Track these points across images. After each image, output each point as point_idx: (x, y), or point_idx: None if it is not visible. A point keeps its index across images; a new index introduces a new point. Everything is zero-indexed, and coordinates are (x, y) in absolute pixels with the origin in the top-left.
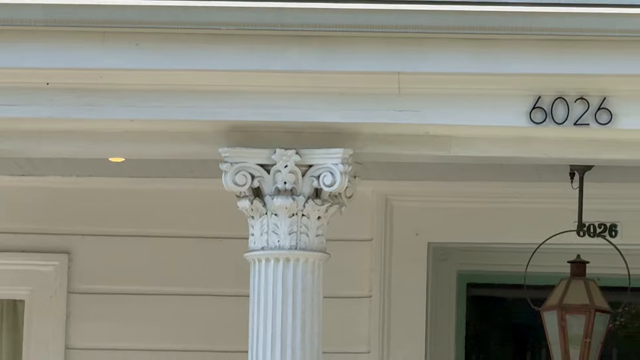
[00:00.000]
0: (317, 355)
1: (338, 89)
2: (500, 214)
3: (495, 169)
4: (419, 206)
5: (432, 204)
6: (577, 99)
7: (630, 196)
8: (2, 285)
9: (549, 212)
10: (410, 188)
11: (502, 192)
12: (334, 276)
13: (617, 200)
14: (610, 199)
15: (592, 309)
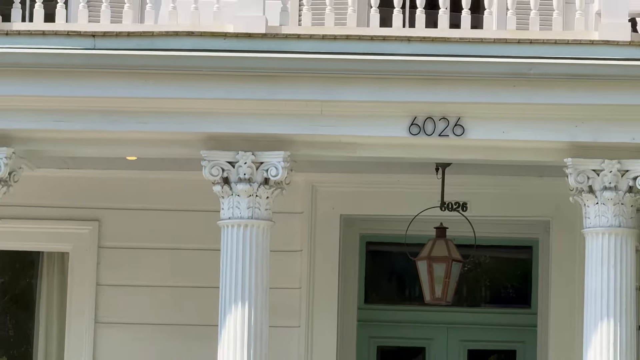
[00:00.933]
0: (266, 289)
1: (281, 111)
2: (388, 195)
3: (386, 165)
4: (335, 189)
5: (344, 188)
6: (440, 118)
7: (476, 183)
8: (54, 242)
9: (422, 194)
10: (329, 177)
11: (389, 180)
12: (277, 237)
13: (467, 186)
14: (462, 185)
15: (450, 259)
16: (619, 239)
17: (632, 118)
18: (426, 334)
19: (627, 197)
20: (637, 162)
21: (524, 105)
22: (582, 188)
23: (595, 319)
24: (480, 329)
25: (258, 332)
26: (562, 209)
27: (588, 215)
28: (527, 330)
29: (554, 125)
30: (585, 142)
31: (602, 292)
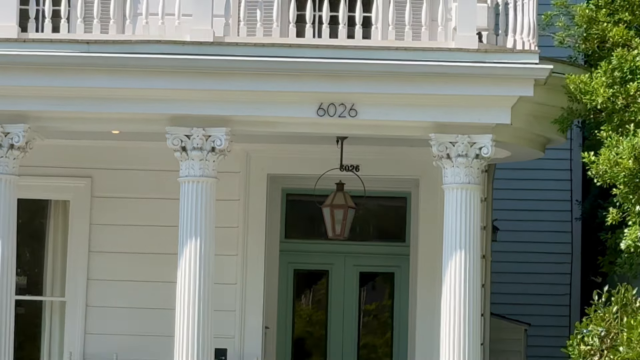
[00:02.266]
0: (212, 227)
1: (224, 98)
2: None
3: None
4: (264, 155)
5: (270, 154)
6: (340, 104)
7: (366, 151)
8: (59, 193)
9: (326, 159)
10: (259, 147)
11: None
12: (221, 189)
13: (359, 153)
14: (356, 153)
15: (347, 206)
16: (469, 192)
17: (478, 105)
18: (329, 260)
19: (474, 162)
20: (482, 137)
21: (401, 94)
22: (442, 155)
23: (451, 250)
24: (368, 256)
25: (207, 258)
26: (428, 171)
27: (446, 175)
28: (402, 258)
29: (421, 109)
30: (444, 122)
31: (457, 230)
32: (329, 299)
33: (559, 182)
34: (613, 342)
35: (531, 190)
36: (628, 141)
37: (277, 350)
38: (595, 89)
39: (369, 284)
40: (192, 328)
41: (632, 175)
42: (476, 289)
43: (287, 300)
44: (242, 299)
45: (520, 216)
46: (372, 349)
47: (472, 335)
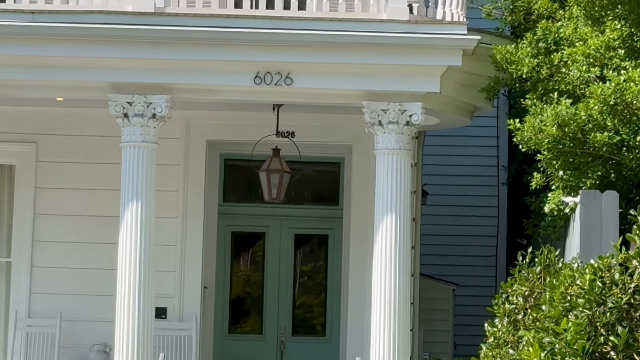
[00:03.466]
0: (153, 191)
1: (165, 67)
2: (240, 125)
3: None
4: (203, 122)
5: (210, 121)
6: (276, 73)
7: (301, 118)
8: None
9: (263, 125)
10: (198, 113)
11: (241, 115)
12: (161, 155)
13: (294, 120)
14: (291, 120)
15: (282, 171)
16: (400, 157)
17: (409, 74)
18: (266, 223)
19: (405, 129)
20: (412, 104)
21: (333, 64)
22: (374, 122)
23: (383, 213)
24: (303, 219)
25: (147, 221)
26: (360, 137)
27: (378, 141)
28: (336, 221)
29: (354, 78)
30: (376, 90)
31: (388, 194)
32: (266, 260)
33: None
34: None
35: (459, 156)
36: (552, 109)
37: (215, 309)
38: (521, 59)
39: (304, 246)
40: (133, 288)
41: (555, 141)
42: (406, 250)
43: (225, 261)
44: (182, 260)
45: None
46: (307, 309)
47: (402, 294)
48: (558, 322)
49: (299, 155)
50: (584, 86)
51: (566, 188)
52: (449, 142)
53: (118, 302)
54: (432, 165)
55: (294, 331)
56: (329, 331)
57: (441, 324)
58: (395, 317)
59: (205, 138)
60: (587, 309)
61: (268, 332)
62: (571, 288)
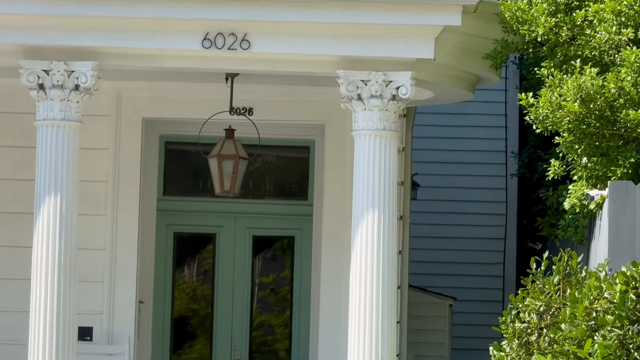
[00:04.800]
0: (76, 182)
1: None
2: (184, 100)
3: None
4: (137, 95)
5: (145, 94)
6: (229, 34)
7: (261, 91)
8: None
9: (213, 100)
10: (132, 85)
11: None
12: (87, 136)
13: (253, 93)
14: (249, 93)
15: (238, 157)
16: (384, 140)
17: (395, 35)
18: (216, 222)
19: (390, 104)
20: (399, 74)
21: (302, 23)
22: (352, 96)
23: (362, 210)
24: (263, 217)
25: (69, 219)
26: (335, 115)
27: (357, 120)
28: (304, 219)
29: (328, 40)
30: (355, 56)
31: (369, 186)
32: (217, 269)
33: (492, 130)
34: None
35: (458, 139)
36: (573, 80)
37: (153, 329)
38: (535, 18)
39: (265, 251)
40: (50, 302)
41: (578, 120)
42: (392, 256)
43: (166, 270)
44: (112, 267)
45: (445, 170)
46: (268, 330)
47: (386, 311)
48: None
49: (258, 138)
50: (614, 52)
51: (591, 179)
52: (444, 122)
53: (32, 320)
54: (424, 150)
55: (251, 358)
56: (295, 357)
57: (435, 347)
58: (378, 340)
59: (141, 115)
60: (617, 327)
61: (219, 359)
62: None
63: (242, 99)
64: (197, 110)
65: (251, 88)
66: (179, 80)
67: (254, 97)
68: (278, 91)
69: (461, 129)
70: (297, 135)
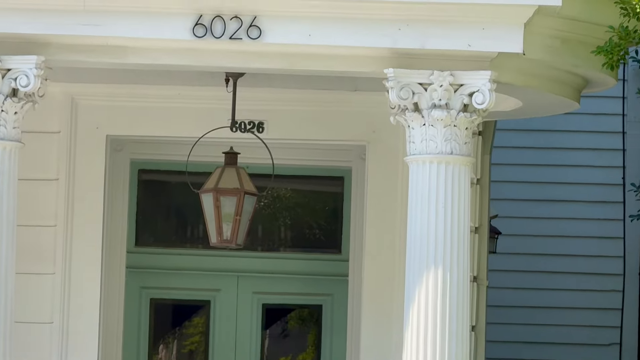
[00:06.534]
0: (13, 227)
1: (33, 5)
2: (167, 112)
3: (165, 75)
4: (100, 104)
5: (112, 103)
6: (232, 17)
7: (276, 99)
8: None
9: (207, 111)
10: (93, 89)
11: (169, 94)
12: (28, 162)
13: (264, 102)
14: (259, 101)
15: (242, 191)
16: (451, 168)
17: (468, 20)
18: (211, 285)
19: (461, 118)
20: (474, 75)
21: (336, 1)
22: (406, 106)
23: (419, 268)
24: (278, 278)
25: (2, 280)
26: (381, 132)
27: (413, 140)
28: (336, 281)
29: (372, 27)
30: (410, 49)
31: (429, 234)
32: (211, 350)
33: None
34: None
35: (555, 167)
36: None
37: None
38: None
39: (279, 324)
40: None
41: None
42: (462, 334)
43: (139, 352)
44: (62, 349)
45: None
46: None
47: None
48: None
49: (271, 165)
50: None
51: None
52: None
53: None
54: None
55: None
56: None
57: None
58: None
59: (105, 132)
60: None
61: None
62: None
63: (250, 109)
64: (184, 125)
65: (262, 94)
66: (159, 84)
67: (265, 107)
68: (299, 99)
69: (559, 152)
70: (327, 161)
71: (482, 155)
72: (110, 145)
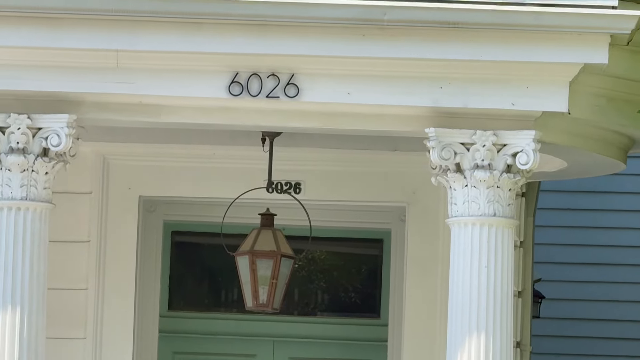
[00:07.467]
0: (43, 290)
1: (65, 63)
2: (201, 172)
3: (199, 134)
4: (133, 164)
5: (144, 163)
6: (269, 75)
7: (313, 159)
8: None
9: (243, 171)
10: (125, 149)
11: (203, 153)
12: (58, 223)
13: (301, 162)
14: (295, 160)
15: (279, 254)
16: (494, 231)
17: (511, 79)
18: (247, 350)
19: (504, 179)
20: (517, 134)
21: (376, 60)
22: (448, 166)
23: (462, 333)
24: (315, 343)
25: (32, 344)
26: (422, 193)
27: (455, 201)
28: (375, 347)
29: (413, 86)
30: (452, 107)
31: (472, 298)
32: None
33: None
34: None
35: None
36: None
37: None
38: None
39: None
40: None
41: None
42: None
43: None
44: None
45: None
46: None
47: None
48: None
49: (308, 227)
50: None
51: None
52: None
53: None
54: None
55: None
56: None
57: None
58: None
59: (138, 193)
60: None
61: None
62: None
63: (286, 169)
64: (219, 185)
65: (299, 154)
66: (193, 143)
67: (302, 167)
68: (337, 158)
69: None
70: (366, 223)
71: (525, 217)
72: (143, 206)
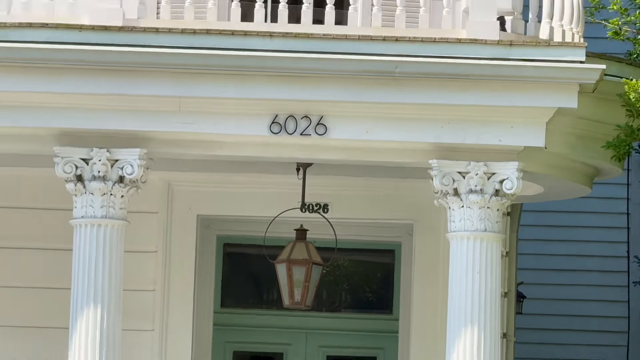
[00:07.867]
0: (119, 291)
1: (137, 107)
2: (247, 195)
3: (246, 164)
4: (192, 189)
5: (201, 188)
6: (302, 117)
7: (338, 185)
8: None
9: (281, 194)
10: (186, 176)
11: (249, 180)
12: (132, 237)
13: (328, 187)
14: (324, 186)
15: (310, 262)
16: (485, 243)
17: (499, 120)
18: (284, 339)
19: (493, 201)
20: (504, 165)
21: (389, 104)
22: (447, 191)
23: (458, 327)
24: (339, 334)
25: (111, 335)
26: (426, 212)
27: (453, 219)
28: (387, 337)
29: (419, 125)
30: (451, 143)
31: (467, 298)
32: None
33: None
34: None
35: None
36: None
37: None
38: None
39: None
40: None
41: None
42: None
43: None
44: None
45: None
46: None
47: None
48: None
49: (334, 240)
50: None
51: None
52: (553, 221)
53: None
54: (529, 255)
55: None
56: None
57: None
58: None
59: (196, 212)
60: None
61: None
62: None
63: (316, 193)
64: (262, 206)
65: (326, 181)
66: (241, 172)
67: (329, 191)
68: (358, 184)
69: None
70: (380, 237)
71: (510, 232)
72: (200, 223)
